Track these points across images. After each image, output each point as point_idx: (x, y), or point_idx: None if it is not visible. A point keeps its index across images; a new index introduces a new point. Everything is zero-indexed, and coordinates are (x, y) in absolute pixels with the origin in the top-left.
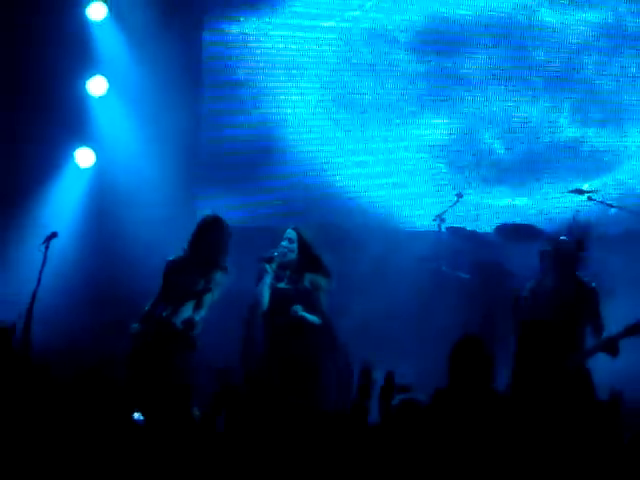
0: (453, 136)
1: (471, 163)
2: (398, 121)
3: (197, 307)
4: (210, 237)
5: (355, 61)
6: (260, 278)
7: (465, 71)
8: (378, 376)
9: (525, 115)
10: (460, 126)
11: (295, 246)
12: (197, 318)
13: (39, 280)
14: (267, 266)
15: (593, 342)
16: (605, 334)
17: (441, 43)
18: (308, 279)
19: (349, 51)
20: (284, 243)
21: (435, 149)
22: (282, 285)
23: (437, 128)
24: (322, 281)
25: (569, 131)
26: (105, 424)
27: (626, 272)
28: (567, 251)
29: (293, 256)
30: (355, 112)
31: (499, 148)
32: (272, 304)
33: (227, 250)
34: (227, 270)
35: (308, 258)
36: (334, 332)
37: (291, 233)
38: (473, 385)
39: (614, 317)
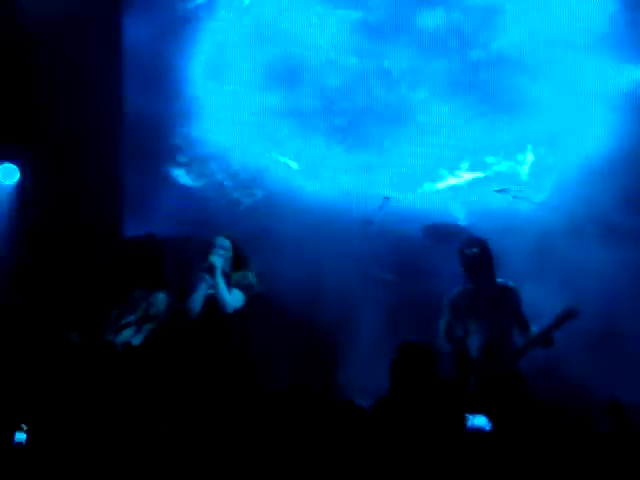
0: None
1: None
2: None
3: (137, 332)
4: (148, 258)
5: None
6: (194, 289)
7: None
8: None
9: None
10: None
11: (231, 254)
12: (135, 343)
13: None
14: (207, 276)
15: (520, 340)
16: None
17: None
18: (235, 279)
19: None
20: (221, 252)
21: None
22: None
23: None
24: (250, 276)
25: None
26: None
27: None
28: (473, 257)
29: (229, 263)
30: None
31: None
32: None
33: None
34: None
35: (239, 263)
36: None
37: (224, 241)
38: (416, 393)
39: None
